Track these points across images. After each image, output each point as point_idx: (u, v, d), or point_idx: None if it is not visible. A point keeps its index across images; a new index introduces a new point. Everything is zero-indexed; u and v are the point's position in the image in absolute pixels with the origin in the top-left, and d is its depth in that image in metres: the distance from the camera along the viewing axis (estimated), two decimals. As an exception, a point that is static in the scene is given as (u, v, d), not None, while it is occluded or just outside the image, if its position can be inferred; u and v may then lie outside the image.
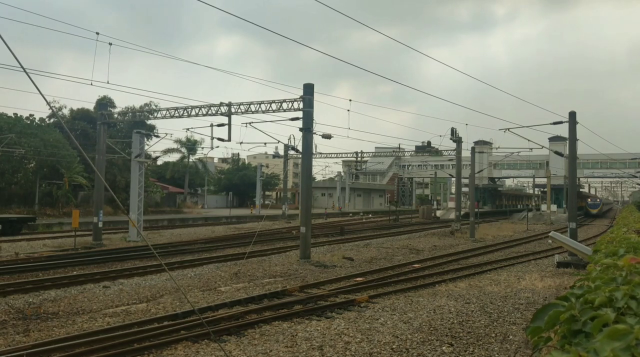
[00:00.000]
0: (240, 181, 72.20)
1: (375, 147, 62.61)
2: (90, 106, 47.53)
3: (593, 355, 1.25)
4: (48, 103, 6.52)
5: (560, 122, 23.95)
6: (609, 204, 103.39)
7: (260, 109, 22.45)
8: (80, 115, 47.61)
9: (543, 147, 33.74)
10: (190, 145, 62.94)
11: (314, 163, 22.72)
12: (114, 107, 44.74)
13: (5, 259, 18.77)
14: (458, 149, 35.41)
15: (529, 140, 29.99)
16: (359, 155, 63.70)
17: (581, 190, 72.83)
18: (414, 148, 59.64)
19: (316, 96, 21.01)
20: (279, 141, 34.71)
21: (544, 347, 1.92)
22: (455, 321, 10.62)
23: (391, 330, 9.85)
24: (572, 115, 22.76)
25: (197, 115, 23.80)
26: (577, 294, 2.02)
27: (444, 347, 8.93)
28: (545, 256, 22.92)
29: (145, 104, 44.94)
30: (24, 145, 37.78)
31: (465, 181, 44.13)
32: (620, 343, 1.25)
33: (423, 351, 8.69)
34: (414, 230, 37.28)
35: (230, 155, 78.91)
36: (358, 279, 16.00)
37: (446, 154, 48.94)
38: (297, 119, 21.37)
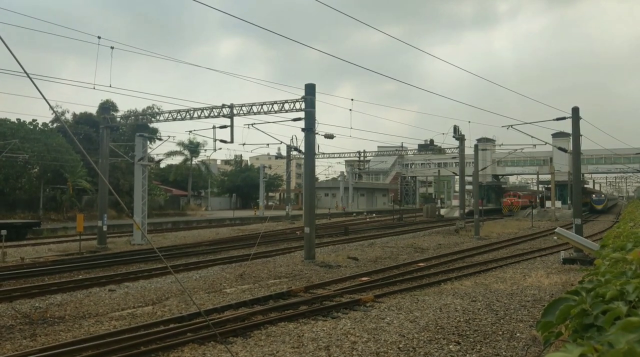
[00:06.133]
0: (243, 182, 72.25)
1: (378, 147, 62.50)
2: (93, 110, 47.58)
3: (608, 348, 1.23)
4: (51, 107, 6.52)
5: (564, 118, 23.85)
6: (614, 199, 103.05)
7: (262, 110, 22.46)
8: (83, 119, 47.68)
9: (546, 143, 33.68)
10: (193, 148, 63.00)
11: (316, 163, 22.72)
12: (117, 110, 44.74)
13: (11, 264, 18.82)
14: (461, 147, 35.34)
15: (532, 137, 30.05)
16: (362, 154, 63.70)
17: (585, 186, 72.63)
18: (416, 147, 59.51)
19: (318, 96, 21.04)
20: (281, 142, 34.84)
21: (554, 342, 1.91)
22: (462, 319, 10.59)
23: (397, 329, 9.83)
24: (575, 111, 22.70)
25: (199, 117, 23.83)
26: (588, 288, 2.00)
27: (450, 346, 8.90)
28: (550, 253, 22.84)
29: (148, 107, 44.98)
30: (28, 150, 37.86)
31: (469, 179, 44.07)
32: (634, 335, 1.24)
33: (430, 350, 8.66)
34: (418, 229, 37.23)
35: (233, 157, 78.86)
36: (363, 278, 15.98)
37: (449, 152, 48.85)
38: (299, 119, 21.36)
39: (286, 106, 21.54)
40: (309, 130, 20.82)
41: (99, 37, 19.34)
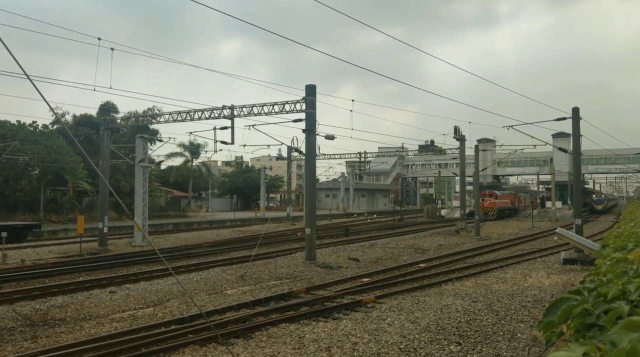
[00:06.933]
0: (244, 183, 72.26)
1: (379, 147, 62.45)
2: (93, 112, 47.63)
3: (610, 347, 1.24)
4: (52, 109, 6.53)
5: (564, 118, 23.85)
6: (614, 199, 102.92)
7: (263, 111, 22.45)
8: (83, 121, 47.69)
9: (547, 143, 33.67)
10: (194, 149, 63.00)
11: (317, 164, 22.74)
12: (117, 112, 44.81)
13: (12, 266, 18.82)
14: (461, 148, 35.33)
15: (532, 137, 30.06)
16: (363, 155, 63.65)
17: (585, 186, 72.52)
18: (417, 147, 59.50)
19: (319, 97, 21.05)
20: (282, 143, 34.86)
21: (556, 341, 1.91)
22: (463, 320, 10.58)
23: (398, 330, 9.82)
24: (576, 111, 22.71)
25: (200, 118, 23.83)
26: (590, 288, 2.00)
27: (451, 347, 8.89)
28: (551, 253, 22.83)
29: (149, 109, 45.01)
30: (28, 152, 37.87)
31: (470, 180, 44.05)
32: (637, 334, 1.24)
33: (431, 351, 8.66)
34: (419, 229, 37.22)
35: (233, 158, 78.93)
36: (364, 279, 15.98)
37: (450, 152, 48.84)
38: (300, 120, 21.36)
39: (287, 107, 21.54)
40: (310, 131, 20.82)
41: (99, 39, 19.32)
